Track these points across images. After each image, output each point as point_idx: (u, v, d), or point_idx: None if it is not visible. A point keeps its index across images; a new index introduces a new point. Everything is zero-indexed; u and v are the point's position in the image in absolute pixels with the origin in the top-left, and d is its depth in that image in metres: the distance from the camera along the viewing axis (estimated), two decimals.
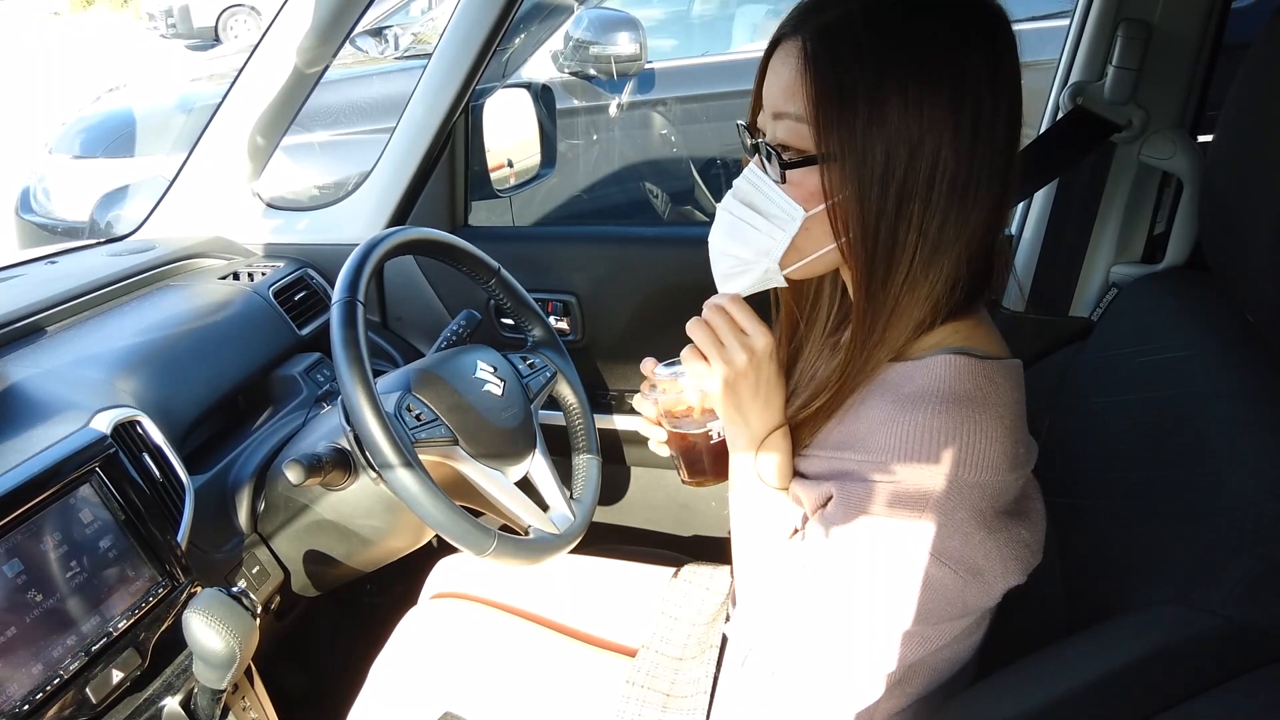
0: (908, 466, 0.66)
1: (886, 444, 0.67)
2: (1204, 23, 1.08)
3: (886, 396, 0.70)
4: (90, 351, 1.08)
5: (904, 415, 0.67)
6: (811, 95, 0.66)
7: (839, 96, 0.65)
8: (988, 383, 0.68)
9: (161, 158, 3.16)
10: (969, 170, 0.66)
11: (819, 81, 0.65)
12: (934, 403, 0.66)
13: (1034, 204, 1.26)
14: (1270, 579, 0.60)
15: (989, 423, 0.65)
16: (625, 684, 0.96)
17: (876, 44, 0.64)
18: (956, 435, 0.65)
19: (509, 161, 1.59)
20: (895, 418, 0.67)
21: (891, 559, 0.67)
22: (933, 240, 0.67)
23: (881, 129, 0.64)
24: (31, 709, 0.76)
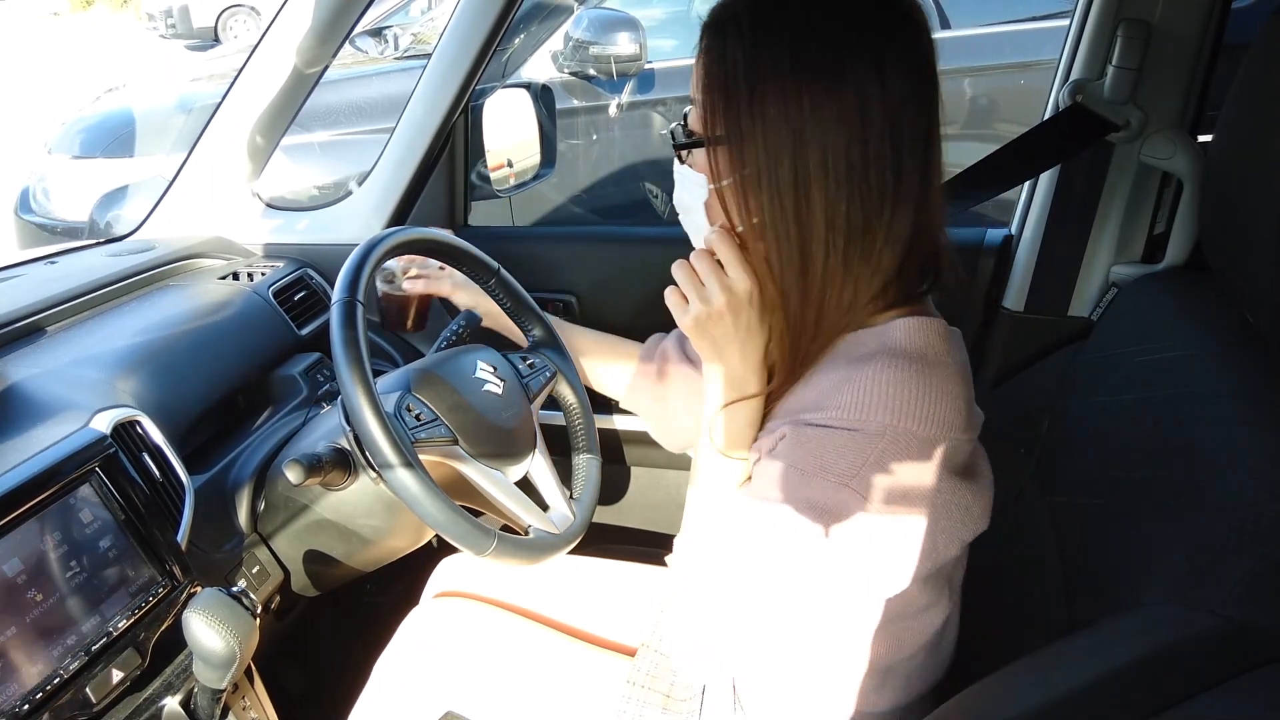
0: (860, 417, 0.67)
1: (840, 400, 0.68)
2: (1204, 23, 1.08)
3: (839, 362, 0.73)
4: (90, 351, 1.08)
5: (858, 372, 0.69)
6: (701, 81, 0.71)
7: (723, 84, 0.69)
8: (940, 341, 0.71)
9: (161, 158, 3.17)
10: (864, 160, 0.67)
11: (706, 69, 0.71)
12: (887, 358, 0.68)
13: (1034, 204, 1.26)
14: (1270, 579, 0.60)
15: (942, 378, 0.68)
16: (625, 684, 0.96)
17: (759, 35, 0.68)
18: (909, 388, 0.67)
19: (509, 161, 1.59)
20: (851, 376, 0.69)
21: (827, 503, 0.68)
22: (846, 229, 0.69)
23: (763, 117, 0.68)
24: (31, 709, 0.76)
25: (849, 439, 0.67)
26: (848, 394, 0.68)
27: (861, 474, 0.66)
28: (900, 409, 0.66)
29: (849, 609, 0.76)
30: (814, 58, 0.67)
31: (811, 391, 0.74)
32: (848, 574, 0.70)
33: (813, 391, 0.73)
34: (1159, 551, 0.72)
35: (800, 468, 0.70)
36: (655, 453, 1.54)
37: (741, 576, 0.74)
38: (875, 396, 0.67)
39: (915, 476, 0.67)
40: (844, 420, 0.68)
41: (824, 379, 0.73)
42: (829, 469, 0.68)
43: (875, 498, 0.67)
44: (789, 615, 0.74)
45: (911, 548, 0.69)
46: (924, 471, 0.67)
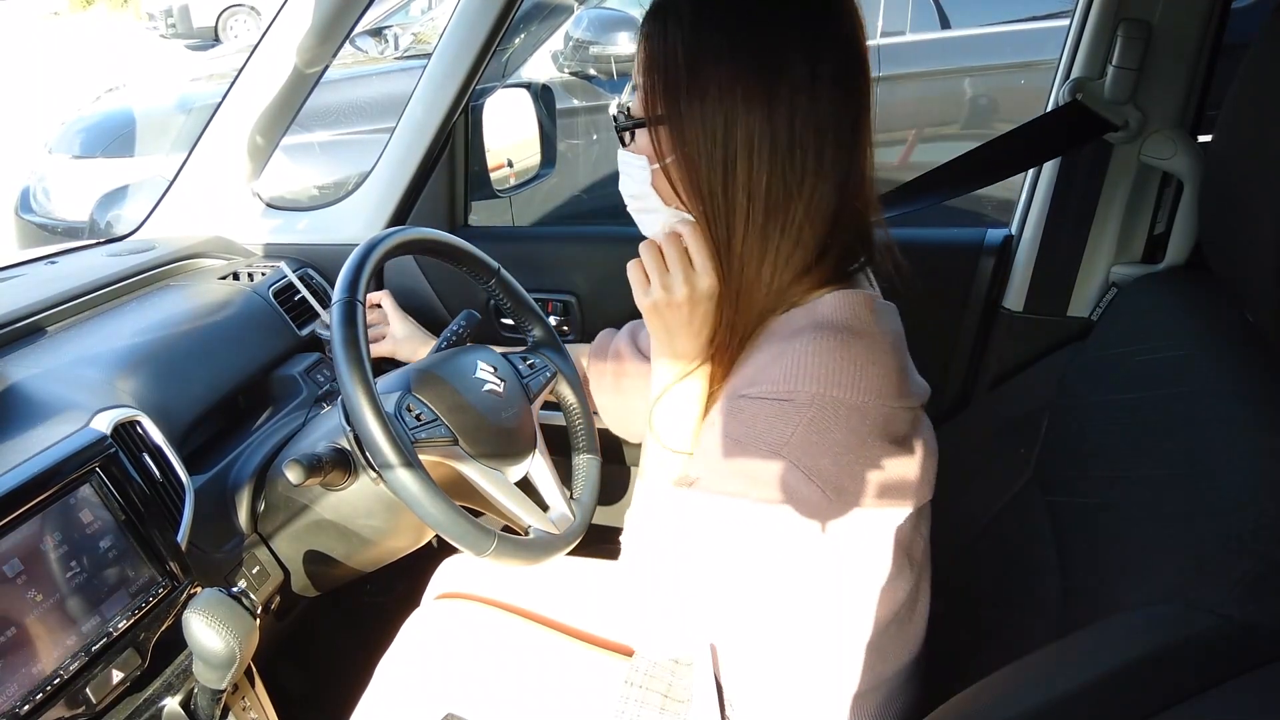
0: (790, 388, 0.69)
1: (771, 374, 0.70)
2: (1204, 23, 1.08)
3: (773, 340, 0.75)
4: (90, 351, 1.08)
5: (788, 346, 0.71)
6: (643, 64, 0.74)
7: (664, 66, 0.72)
8: (866, 312, 0.72)
9: (161, 158, 3.17)
10: (790, 139, 0.71)
11: (649, 53, 0.73)
12: (814, 330, 0.71)
13: (1034, 204, 1.26)
14: (1270, 579, 0.60)
15: (868, 347, 0.69)
16: (624, 684, 0.96)
17: (698, 21, 0.71)
18: (835, 357, 0.68)
19: (509, 161, 1.59)
20: (782, 350, 0.71)
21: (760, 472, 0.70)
22: (765, 204, 0.72)
23: (701, 98, 0.71)
24: (31, 709, 0.76)
25: (779, 408, 0.69)
26: (778, 367, 0.70)
27: (792, 442, 0.69)
28: (827, 377, 0.68)
29: (801, 579, 0.78)
30: (748, 44, 0.70)
31: (748, 370, 0.76)
32: (789, 541, 0.72)
33: (749, 369, 0.76)
34: (1159, 551, 0.72)
35: (734, 438, 0.72)
36: None
37: (690, 552, 0.76)
38: (803, 367, 0.69)
39: (847, 442, 0.69)
40: (775, 392, 0.70)
41: (758, 357, 0.75)
42: (761, 438, 0.70)
43: (807, 465, 0.68)
44: (744, 585, 0.77)
45: (847, 513, 0.71)
46: (855, 437, 0.69)
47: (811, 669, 0.84)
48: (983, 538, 1.04)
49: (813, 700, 0.85)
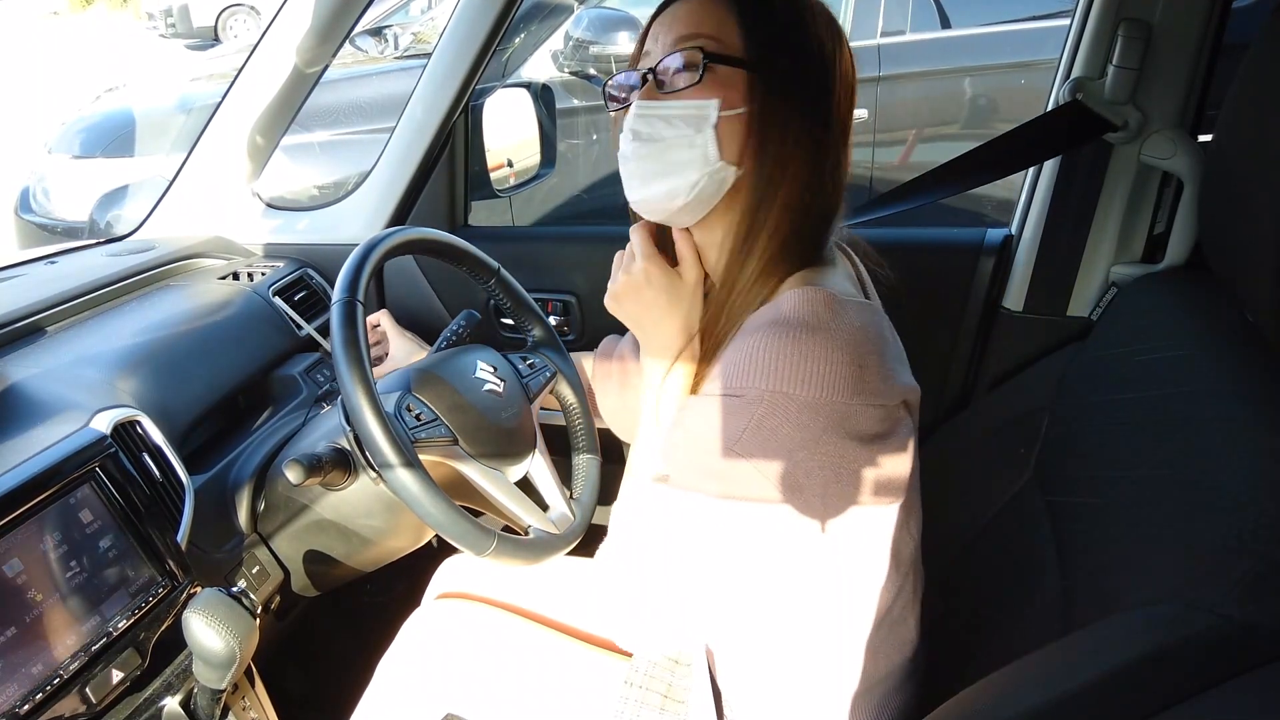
0: (741, 384, 0.70)
1: (726, 370, 0.72)
2: (1204, 23, 1.08)
3: (740, 336, 0.75)
4: (90, 351, 1.08)
5: (745, 341, 0.71)
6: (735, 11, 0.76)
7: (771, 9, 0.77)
8: (826, 310, 0.72)
9: (161, 158, 3.17)
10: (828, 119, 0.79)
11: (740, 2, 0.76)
12: (769, 327, 0.71)
13: (1034, 204, 1.26)
14: (1270, 579, 0.60)
15: (823, 342, 0.69)
16: (623, 685, 0.96)
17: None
18: (785, 353, 0.69)
19: (509, 161, 1.59)
20: (739, 347, 0.72)
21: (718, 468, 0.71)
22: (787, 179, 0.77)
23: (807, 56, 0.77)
24: (32, 709, 0.76)
25: (731, 404, 0.70)
26: (733, 363, 0.71)
27: (744, 439, 0.69)
28: (777, 373, 0.68)
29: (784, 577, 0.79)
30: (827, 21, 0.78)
31: (717, 366, 0.77)
32: (758, 537, 0.73)
33: (717, 367, 0.77)
34: (1159, 551, 0.72)
35: (694, 434, 0.73)
36: None
37: (667, 546, 0.78)
38: (755, 363, 0.69)
39: (799, 438, 0.69)
40: (729, 389, 0.71)
41: (726, 352, 0.76)
42: (716, 435, 0.71)
43: (759, 461, 0.69)
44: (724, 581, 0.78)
45: (808, 510, 0.72)
46: (807, 433, 0.69)
47: (808, 669, 0.84)
48: (982, 538, 1.04)
49: (810, 700, 0.85)
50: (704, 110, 0.76)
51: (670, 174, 0.78)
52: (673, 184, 0.79)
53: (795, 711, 0.86)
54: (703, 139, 0.76)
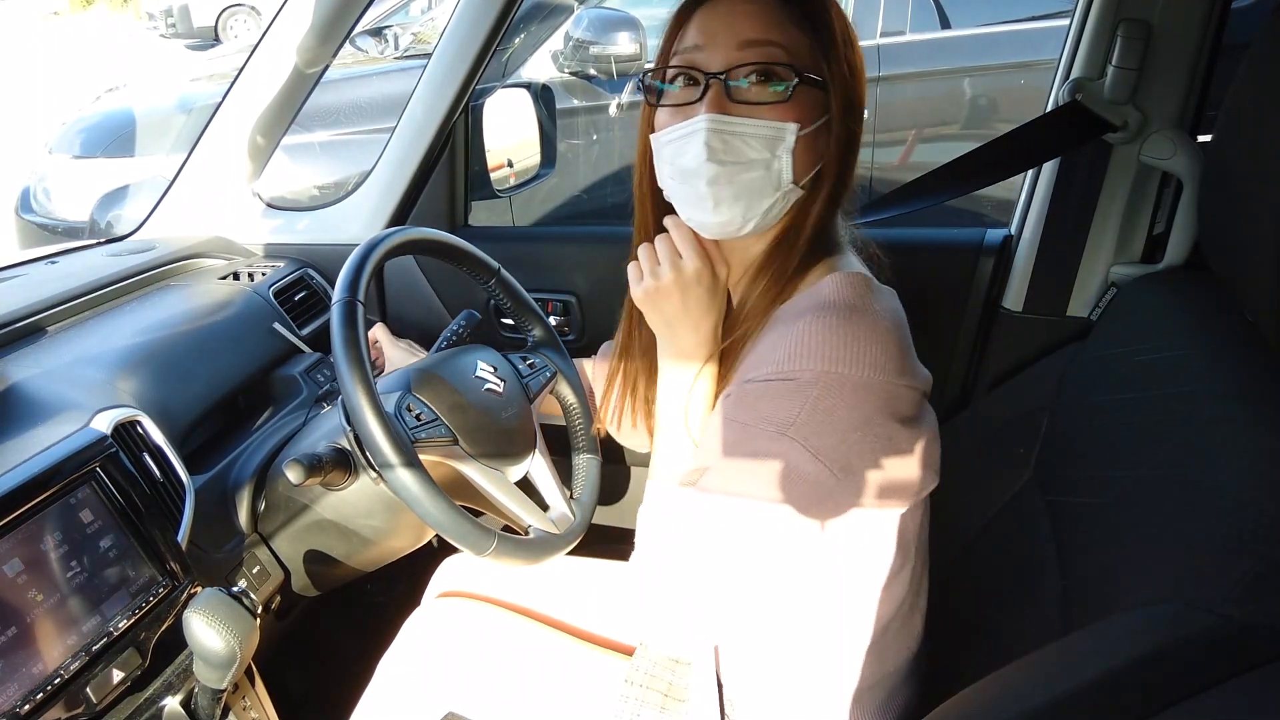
0: (794, 367, 0.69)
1: (775, 356, 0.71)
2: (1204, 23, 1.08)
3: (776, 325, 0.75)
4: (90, 351, 1.08)
5: (791, 328, 0.71)
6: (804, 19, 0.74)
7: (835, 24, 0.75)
8: (868, 293, 0.73)
9: (161, 158, 3.17)
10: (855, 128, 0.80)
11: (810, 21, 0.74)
12: (815, 311, 0.71)
13: (1033, 204, 1.26)
14: (1270, 579, 0.60)
15: (870, 324, 0.69)
16: (624, 684, 0.96)
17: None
18: (838, 334, 0.68)
19: (509, 161, 1.59)
20: (784, 334, 0.71)
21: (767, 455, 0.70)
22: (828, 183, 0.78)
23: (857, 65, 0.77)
24: (31, 709, 0.76)
25: (784, 388, 0.69)
26: (782, 349, 0.70)
27: (799, 421, 0.68)
28: (830, 355, 0.68)
29: (806, 575, 0.78)
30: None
31: (751, 359, 0.76)
32: (797, 529, 0.72)
33: (752, 358, 0.76)
34: (1159, 551, 0.72)
35: (741, 421, 0.72)
36: None
37: (700, 548, 0.76)
38: (807, 345, 0.69)
39: (852, 419, 0.68)
40: (780, 373, 0.70)
41: (761, 345, 0.75)
42: (768, 419, 0.69)
43: (814, 443, 0.68)
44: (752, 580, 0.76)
45: (855, 494, 0.71)
46: (860, 414, 0.68)
47: (813, 667, 0.84)
48: (982, 537, 1.04)
49: (814, 698, 0.85)
50: (782, 133, 0.73)
51: (743, 198, 0.75)
52: (746, 209, 0.76)
53: (800, 708, 0.86)
54: (779, 164, 0.74)
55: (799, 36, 0.73)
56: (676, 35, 0.77)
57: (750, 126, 0.73)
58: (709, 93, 0.73)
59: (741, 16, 0.73)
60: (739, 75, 0.73)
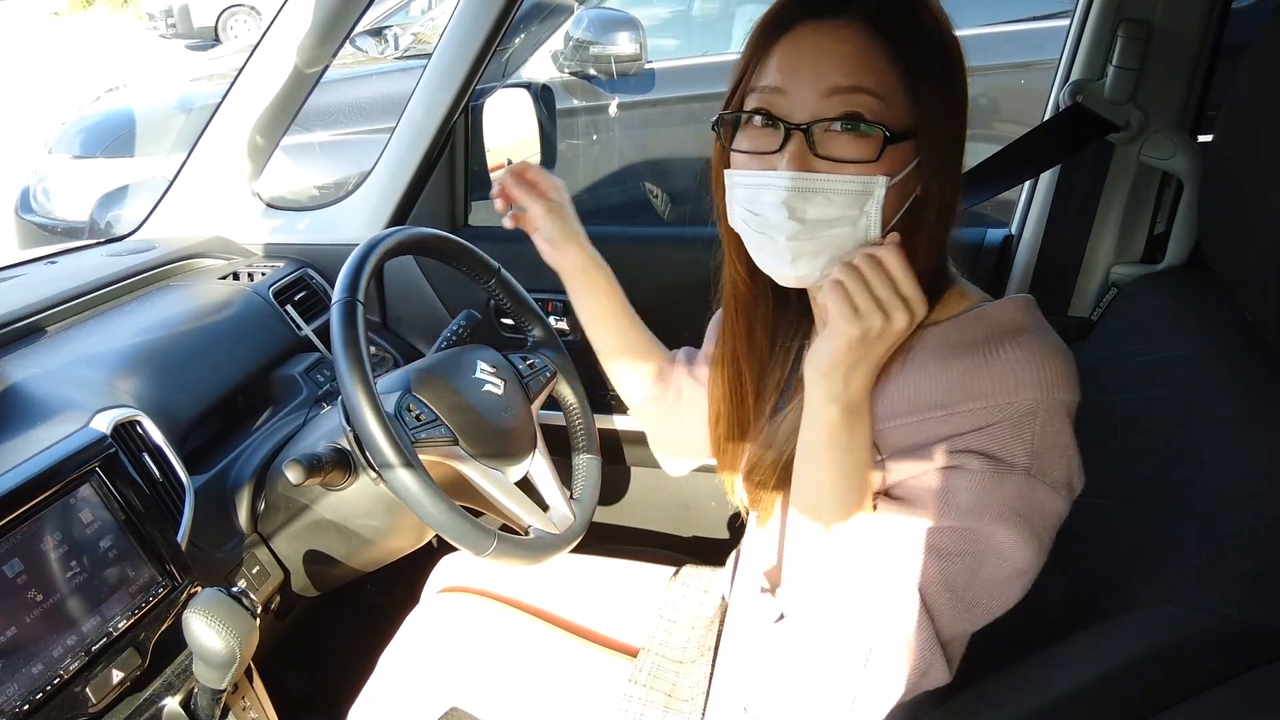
0: (1011, 399, 0.66)
1: (981, 388, 0.67)
2: (1204, 23, 1.08)
3: (944, 353, 0.70)
4: (90, 351, 1.08)
5: (993, 355, 0.68)
6: (892, 63, 0.66)
7: (932, 67, 0.68)
8: (1039, 313, 0.71)
9: (161, 158, 3.17)
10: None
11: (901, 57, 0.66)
12: (1015, 336, 0.68)
13: (1034, 204, 1.26)
14: (1270, 579, 0.60)
15: (1059, 345, 0.68)
16: (628, 683, 0.96)
17: (941, 16, 0.69)
18: (1046, 359, 0.66)
19: (509, 161, 1.58)
20: (985, 362, 0.68)
21: (1017, 496, 0.66)
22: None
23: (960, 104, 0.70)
24: (31, 709, 0.76)
25: (1010, 426, 0.66)
26: (987, 381, 0.67)
27: (1035, 455, 0.65)
28: (1045, 381, 0.66)
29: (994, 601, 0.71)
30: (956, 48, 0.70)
31: (910, 388, 0.71)
32: (1031, 561, 0.68)
33: (913, 388, 0.70)
34: (1159, 551, 0.72)
35: (975, 474, 0.66)
36: None
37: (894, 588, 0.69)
38: (1019, 376, 0.66)
39: (1069, 440, 0.67)
40: (995, 407, 0.66)
41: (926, 373, 0.70)
42: (1008, 464, 0.65)
43: (1050, 471, 0.66)
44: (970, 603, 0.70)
45: (1066, 510, 0.69)
46: (1070, 433, 0.67)
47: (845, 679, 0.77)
48: None
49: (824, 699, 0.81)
50: (871, 187, 0.67)
51: (824, 254, 0.70)
52: (826, 264, 0.70)
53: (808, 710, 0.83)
54: (866, 220, 0.68)
55: (890, 77, 0.66)
56: (752, 68, 0.70)
57: (836, 183, 0.67)
58: (790, 145, 0.67)
59: (828, 56, 0.66)
60: (824, 126, 0.67)
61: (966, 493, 0.67)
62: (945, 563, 0.68)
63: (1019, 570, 0.68)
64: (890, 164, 0.67)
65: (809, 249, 0.70)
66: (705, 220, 0.83)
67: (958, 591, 0.69)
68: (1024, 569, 0.68)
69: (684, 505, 1.62)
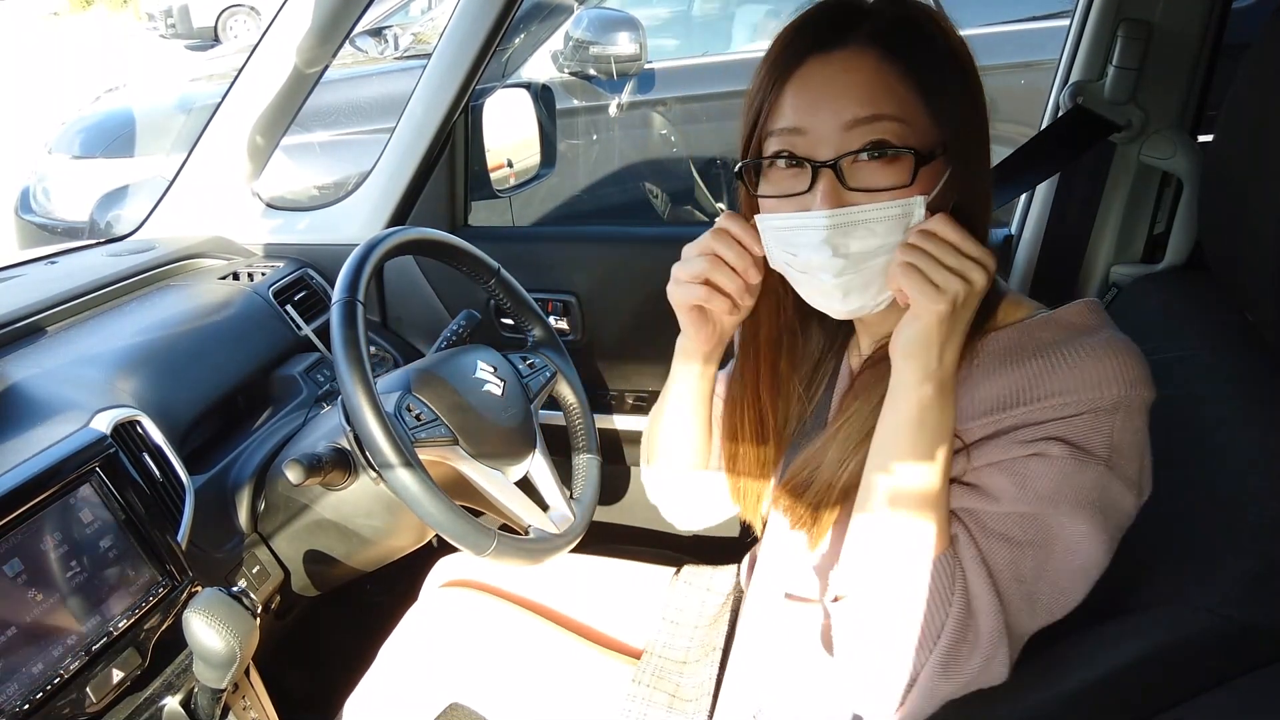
0: (1094, 395, 0.65)
1: (1057, 385, 0.66)
2: (1204, 23, 1.08)
3: (1013, 356, 0.70)
4: (90, 351, 1.08)
5: (1072, 352, 0.67)
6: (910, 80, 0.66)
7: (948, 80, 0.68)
8: (1103, 311, 0.71)
9: (161, 158, 3.17)
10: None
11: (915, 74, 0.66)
12: (1088, 335, 0.68)
13: (1034, 204, 1.26)
14: (1270, 579, 0.60)
15: (1130, 344, 0.68)
16: (631, 683, 0.96)
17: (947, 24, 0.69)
18: (1129, 355, 0.66)
19: (509, 161, 1.59)
20: (1062, 360, 0.67)
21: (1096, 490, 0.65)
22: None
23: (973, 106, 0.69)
24: (31, 709, 0.76)
25: (1093, 418, 0.65)
26: (1069, 377, 0.66)
27: (1114, 449, 0.65)
28: (1129, 378, 0.65)
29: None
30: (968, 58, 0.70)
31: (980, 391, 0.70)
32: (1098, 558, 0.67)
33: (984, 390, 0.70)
34: (1159, 552, 0.72)
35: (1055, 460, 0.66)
36: None
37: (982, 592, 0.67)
38: (1104, 371, 0.66)
39: (1145, 441, 0.67)
40: (1079, 401, 0.66)
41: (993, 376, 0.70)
42: (1089, 454, 0.65)
43: (1126, 468, 0.66)
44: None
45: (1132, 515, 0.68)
46: (1145, 433, 0.67)
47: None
48: None
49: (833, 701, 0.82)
50: (911, 208, 0.66)
51: (875, 283, 0.69)
52: (879, 291, 0.70)
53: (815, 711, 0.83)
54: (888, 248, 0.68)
55: (909, 96, 0.65)
56: (766, 110, 0.69)
57: (875, 212, 0.66)
58: (820, 183, 0.66)
59: (842, 89, 0.66)
60: (851, 159, 0.66)
61: (1045, 478, 0.66)
62: (1016, 551, 0.67)
63: (1085, 566, 0.67)
64: (924, 182, 0.66)
65: (858, 283, 0.69)
66: (706, 219, 0.82)
67: (1025, 583, 0.68)
68: (1090, 565, 0.67)
69: None
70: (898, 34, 0.66)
